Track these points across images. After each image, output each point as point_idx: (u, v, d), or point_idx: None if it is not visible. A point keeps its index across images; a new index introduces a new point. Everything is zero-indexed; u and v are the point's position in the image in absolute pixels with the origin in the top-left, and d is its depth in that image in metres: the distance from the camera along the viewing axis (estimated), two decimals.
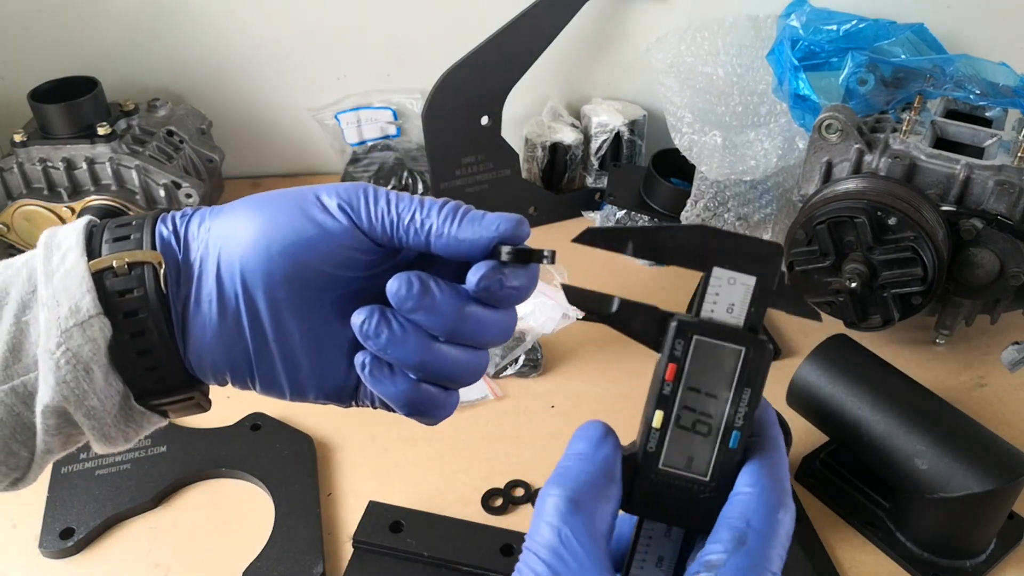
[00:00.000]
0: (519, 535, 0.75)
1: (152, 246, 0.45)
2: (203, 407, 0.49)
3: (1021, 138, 0.85)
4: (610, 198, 1.17)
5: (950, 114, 0.94)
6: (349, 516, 0.79)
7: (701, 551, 0.39)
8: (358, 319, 0.45)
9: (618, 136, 1.18)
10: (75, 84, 1.04)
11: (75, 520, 0.76)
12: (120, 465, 0.81)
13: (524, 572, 0.38)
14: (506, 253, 0.45)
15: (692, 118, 1.00)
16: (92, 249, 0.46)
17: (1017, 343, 0.87)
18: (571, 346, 0.98)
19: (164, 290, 0.45)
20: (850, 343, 0.83)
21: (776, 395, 0.83)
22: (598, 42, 1.20)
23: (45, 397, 0.44)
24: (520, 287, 0.46)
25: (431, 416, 0.48)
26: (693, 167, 1.02)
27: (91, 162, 1.02)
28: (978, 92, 0.92)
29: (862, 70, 0.94)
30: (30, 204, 1.02)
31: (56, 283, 0.44)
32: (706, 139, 0.99)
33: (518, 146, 1.18)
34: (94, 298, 0.44)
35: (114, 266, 0.45)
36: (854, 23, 0.99)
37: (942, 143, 0.90)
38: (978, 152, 0.89)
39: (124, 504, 0.78)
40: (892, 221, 0.84)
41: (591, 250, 0.42)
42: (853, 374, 0.79)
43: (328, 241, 0.45)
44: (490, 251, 0.45)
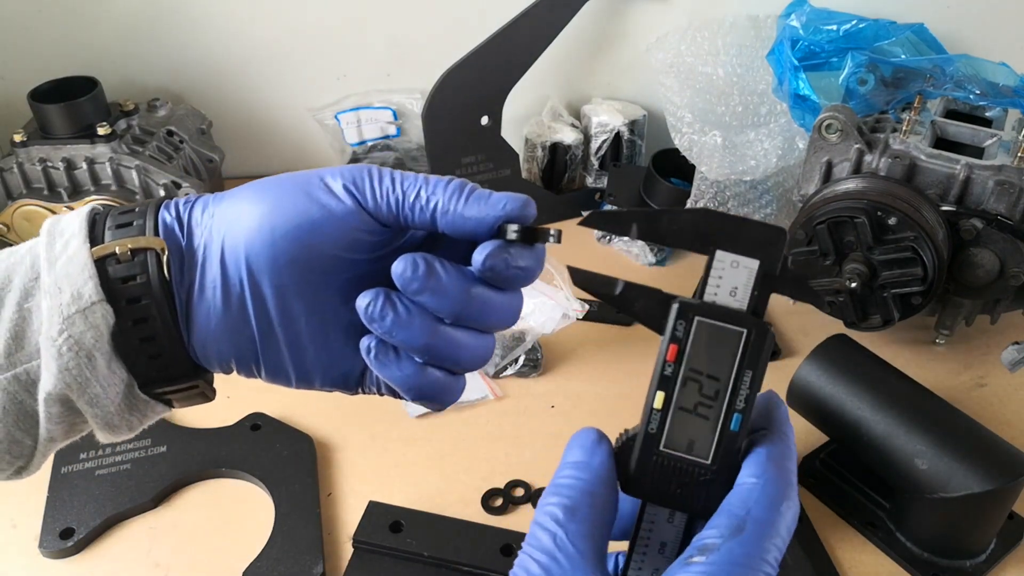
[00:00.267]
0: (519, 535, 0.75)
1: (155, 232, 0.45)
2: (208, 396, 0.49)
3: (1021, 138, 0.85)
4: (610, 198, 1.17)
5: (950, 114, 0.94)
6: (349, 516, 0.79)
7: (698, 535, 0.39)
8: (363, 301, 0.45)
9: (618, 136, 1.18)
10: (75, 84, 1.04)
11: (75, 520, 0.76)
12: (120, 465, 0.81)
13: (519, 573, 0.39)
14: (512, 231, 0.44)
15: (692, 118, 1.00)
16: (95, 236, 0.45)
17: (1017, 343, 0.87)
18: (571, 346, 0.98)
19: (167, 276, 0.44)
20: (850, 343, 0.83)
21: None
22: (598, 42, 1.20)
23: (47, 385, 0.44)
24: (526, 267, 0.45)
25: (437, 401, 0.48)
26: (693, 167, 1.02)
27: (91, 162, 1.02)
28: (978, 92, 0.92)
29: (862, 70, 0.94)
30: (30, 204, 1.02)
31: (58, 270, 0.44)
32: (706, 139, 0.99)
33: (518, 146, 1.18)
34: (96, 284, 0.43)
35: (117, 253, 0.44)
36: (854, 23, 0.99)
37: (942, 143, 0.90)
38: (978, 152, 0.89)
39: (124, 504, 0.78)
40: (892, 221, 0.84)
41: (592, 249, 0.42)
42: (853, 374, 0.79)
43: (333, 223, 0.44)
44: (496, 230, 0.44)
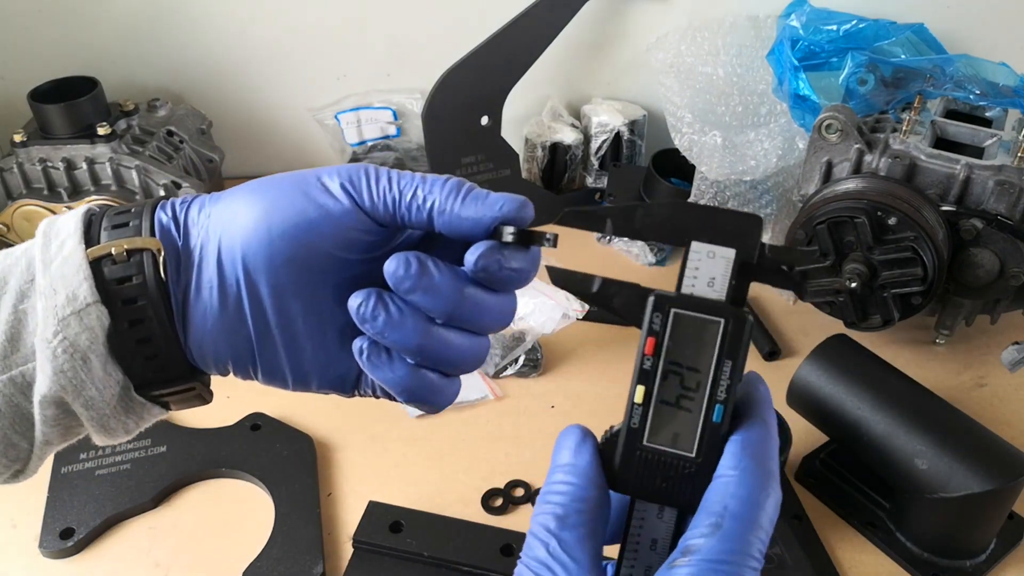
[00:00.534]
0: (519, 535, 0.75)
1: (151, 233, 0.45)
2: (205, 399, 0.49)
3: (1021, 138, 0.85)
4: (610, 198, 1.17)
5: (950, 114, 0.94)
6: (349, 516, 0.79)
7: (683, 536, 0.39)
8: (355, 302, 0.44)
9: (618, 136, 1.18)
10: (75, 84, 1.04)
11: (75, 520, 0.76)
12: (120, 465, 0.81)
13: None
14: (508, 233, 0.44)
15: (692, 118, 1.00)
16: (91, 237, 0.45)
17: (1017, 343, 0.87)
18: (571, 346, 0.98)
19: (164, 277, 0.44)
20: (850, 343, 0.83)
21: (776, 395, 0.82)
22: (598, 42, 1.20)
23: (43, 387, 0.43)
24: (520, 269, 0.45)
25: (431, 403, 0.47)
26: (693, 167, 1.02)
27: (91, 162, 1.02)
28: (978, 92, 0.92)
29: (862, 70, 0.94)
30: (30, 204, 1.02)
31: (53, 271, 0.43)
32: (706, 139, 0.99)
33: (518, 146, 1.18)
34: (91, 286, 0.43)
35: (112, 253, 0.44)
36: (854, 23, 0.99)
37: (942, 143, 0.90)
38: (978, 152, 0.89)
39: (124, 504, 0.78)
40: (892, 221, 0.84)
41: (592, 249, 0.42)
42: (853, 374, 0.79)
43: (330, 222, 0.44)
44: (492, 231, 0.44)
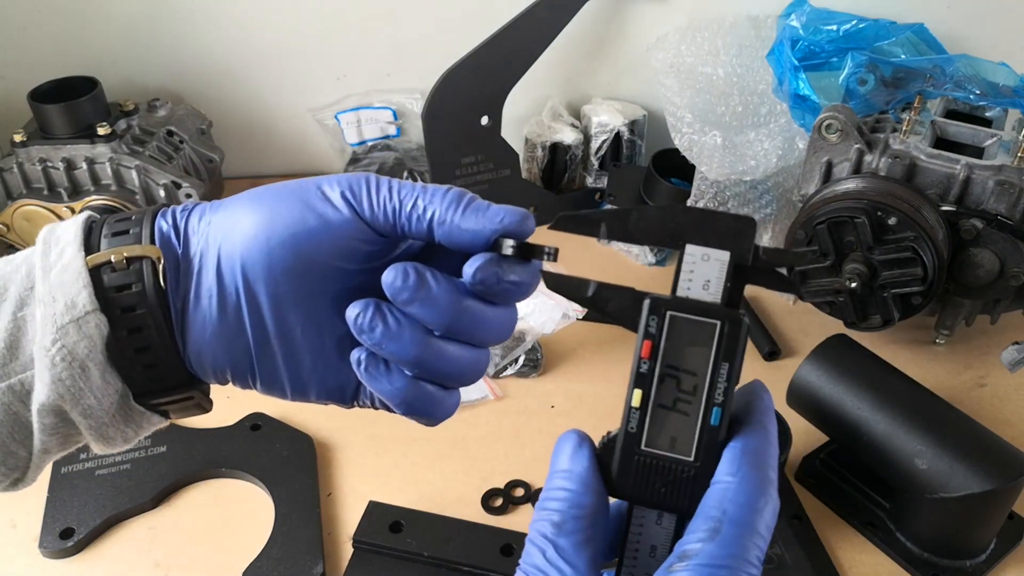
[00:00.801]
0: (519, 535, 0.75)
1: (151, 241, 0.44)
2: (204, 407, 0.48)
3: (1021, 138, 0.85)
4: (610, 198, 1.17)
5: (950, 114, 0.94)
6: (349, 516, 0.79)
7: (679, 541, 0.39)
8: (352, 312, 0.44)
9: (618, 136, 1.18)
10: (75, 84, 1.04)
11: (75, 520, 0.76)
12: (120, 465, 0.81)
13: None
14: (508, 246, 0.43)
15: (692, 118, 1.00)
16: (91, 244, 0.45)
17: (1017, 343, 0.87)
18: (571, 346, 0.98)
19: (163, 285, 0.44)
20: (850, 343, 0.83)
21: (776, 395, 0.82)
22: (598, 42, 1.20)
23: (41, 395, 0.43)
24: (519, 283, 0.45)
25: (429, 416, 0.47)
26: (693, 167, 1.02)
27: (91, 162, 1.02)
28: (978, 92, 0.92)
29: (862, 70, 0.94)
30: (30, 204, 1.02)
31: (53, 279, 0.43)
32: (706, 139, 0.99)
33: (518, 146, 1.18)
34: (90, 294, 0.43)
35: (112, 261, 0.44)
36: (854, 23, 0.99)
37: (942, 143, 0.90)
38: (978, 152, 0.89)
39: (124, 504, 0.78)
40: (892, 221, 0.84)
41: (593, 250, 0.42)
42: (853, 374, 0.79)
43: (330, 232, 0.44)
44: (492, 244, 0.44)
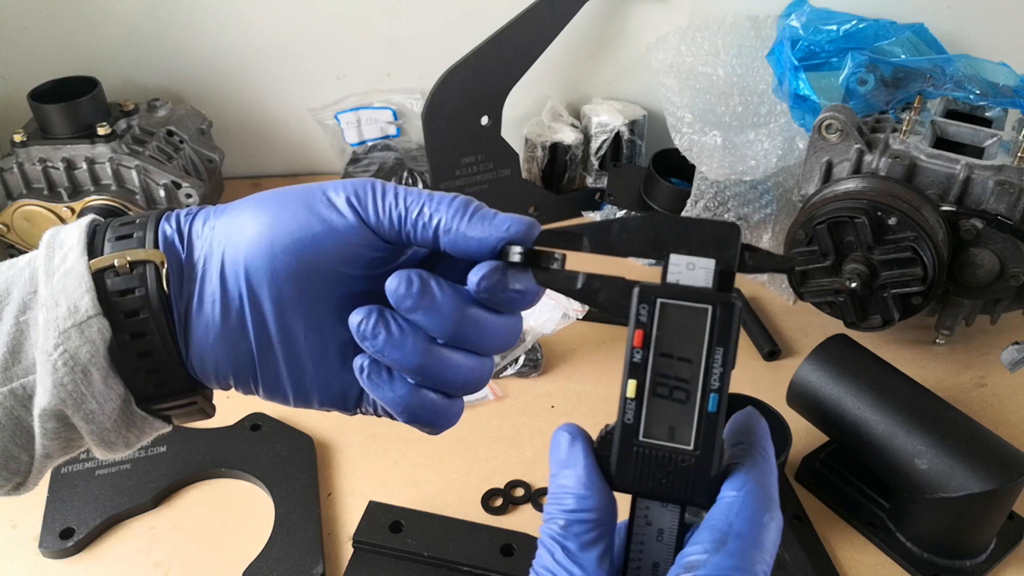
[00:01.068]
0: (519, 535, 0.75)
1: (155, 245, 0.44)
2: (207, 413, 0.48)
3: (1021, 138, 0.85)
4: (610, 198, 1.17)
5: (950, 114, 0.94)
6: (349, 516, 0.79)
7: (681, 552, 0.39)
8: (355, 319, 0.44)
9: (618, 136, 1.18)
10: (75, 84, 1.04)
11: (75, 520, 0.76)
12: (120, 465, 0.81)
13: None
14: (515, 254, 0.43)
15: (692, 118, 1.00)
16: (94, 248, 0.44)
17: (1017, 343, 0.87)
18: (571, 346, 0.98)
19: (166, 290, 0.44)
20: (850, 343, 0.83)
21: (776, 395, 0.83)
22: (598, 42, 1.20)
23: (42, 400, 0.43)
24: (524, 291, 0.44)
25: (432, 425, 0.47)
26: (693, 167, 1.02)
27: (91, 162, 1.02)
28: (978, 92, 0.92)
29: (862, 70, 0.94)
30: (30, 204, 1.02)
31: (56, 283, 0.43)
32: (706, 139, 0.99)
33: (518, 146, 1.18)
34: (93, 298, 0.43)
35: (115, 265, 0.43)
36: (854, 23, 0.99)
37: (942, 143, 0.90)
38: (978, 152, 0.89)
39: (124, 504, 0.78)
40: (892, 221, 0.84)
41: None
42: (853, 374, 0.79)
43: (334, 238, 0.44)
44: (498, 252, 0.43)
